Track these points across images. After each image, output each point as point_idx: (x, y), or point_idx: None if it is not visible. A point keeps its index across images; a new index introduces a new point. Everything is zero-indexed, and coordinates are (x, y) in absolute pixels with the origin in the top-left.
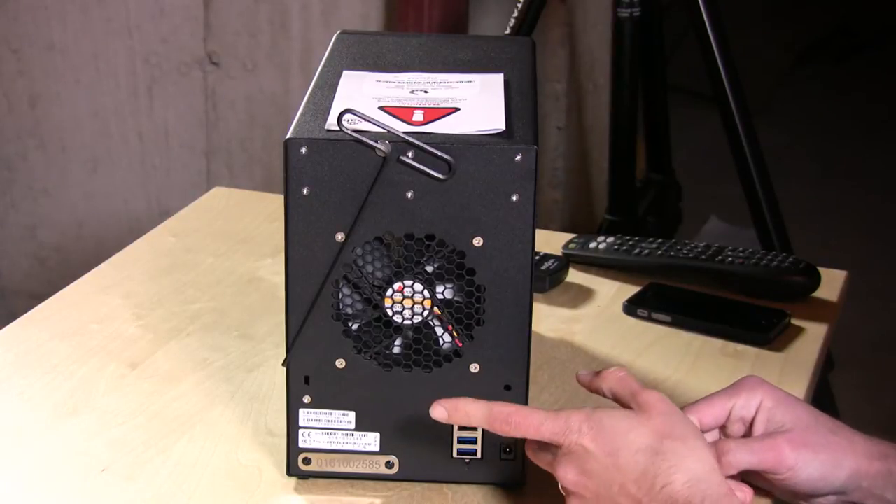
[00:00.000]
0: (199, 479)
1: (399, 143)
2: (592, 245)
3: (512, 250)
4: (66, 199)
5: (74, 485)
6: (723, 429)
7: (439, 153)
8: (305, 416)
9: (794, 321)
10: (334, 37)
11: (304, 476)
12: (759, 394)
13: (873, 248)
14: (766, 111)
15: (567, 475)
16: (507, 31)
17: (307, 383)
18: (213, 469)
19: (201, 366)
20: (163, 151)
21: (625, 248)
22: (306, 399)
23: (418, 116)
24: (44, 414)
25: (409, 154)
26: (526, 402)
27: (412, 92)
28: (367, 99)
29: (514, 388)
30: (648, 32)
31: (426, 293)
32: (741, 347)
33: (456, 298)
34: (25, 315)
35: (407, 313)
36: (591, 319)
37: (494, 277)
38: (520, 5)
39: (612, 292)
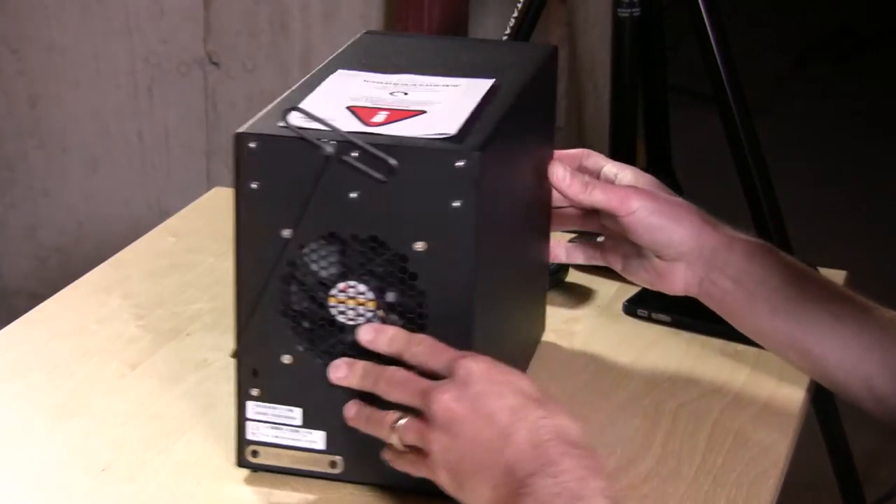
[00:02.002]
0: (199, 479)
1: (343, 143)
2: None
3: (455, 257)
4: (66, 199)
5: (74, 485)
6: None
7: (380, 154)
8: (253, 408)
9: None
10: (357, 36)
11: (252, 468)
12: (625, 167)
13: (873, 249)
14: (766, 112)
15: (447, 399)
16: (507, 31)
17: (255, 376)
18: (214, 469)
19: (201, 366)
20: (163, 151)
21: None
22: (254, 392)
23: (380, 117)
24: (44, 414)
25: (353, 154)
26: None
27: (392, 93)
28: (341, 98)
29: None
30: (648, 32)
31: (370, 295)
32: (741, 347)
33: (399, 302)
34: (25, 315)
35: (351, 314)
36: (591, 319)
37: (437, 284)
38: (520, 5)
39: (612, 292)
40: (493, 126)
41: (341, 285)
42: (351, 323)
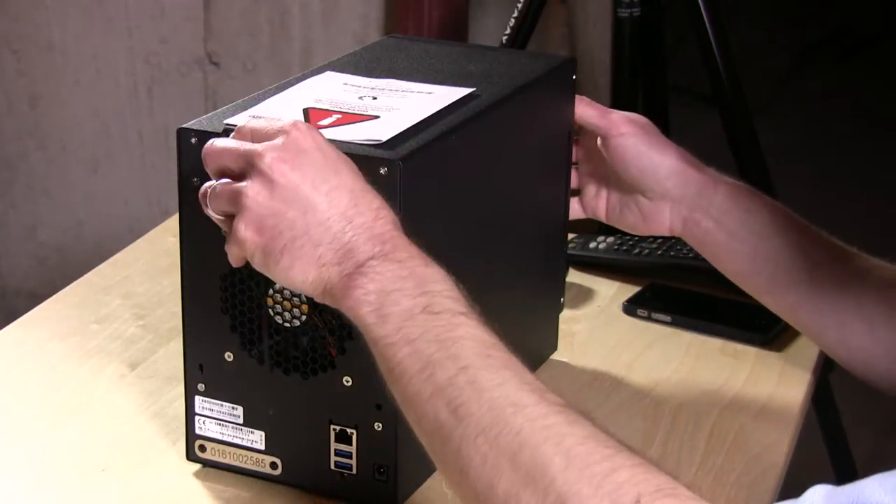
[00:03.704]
0: (199, 479)
1: None
2: (592, 245)
3: None
4: (66, 199)
5: (74, 485)
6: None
7: None
8: (200, 403)
9: None
10: (379, 39)
11: (201, 462)
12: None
13: (872, 250)
14: (766, 112)
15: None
16: (507, 32)
17: (201, 371)
18: (214, 469)
19: None
20: (163, 151)
21: (625, 248)
22: (200, 387)
23: (328, 120)
24: (44, 414)
25: None
26: (396, 423)
27: (361, 97)
28: (306, 99)
29: (385, 408)
30: (648, 32)
31: (303, 297)
32: (741, 347)
33: (331, 308)
34: (25, 315)
35: (287, 315)
36: (591, 319)
37: None
38: (520, 5)
39: (612, 292)
40: (435, 135)
41: (277, 286)
42: (287, 325)
